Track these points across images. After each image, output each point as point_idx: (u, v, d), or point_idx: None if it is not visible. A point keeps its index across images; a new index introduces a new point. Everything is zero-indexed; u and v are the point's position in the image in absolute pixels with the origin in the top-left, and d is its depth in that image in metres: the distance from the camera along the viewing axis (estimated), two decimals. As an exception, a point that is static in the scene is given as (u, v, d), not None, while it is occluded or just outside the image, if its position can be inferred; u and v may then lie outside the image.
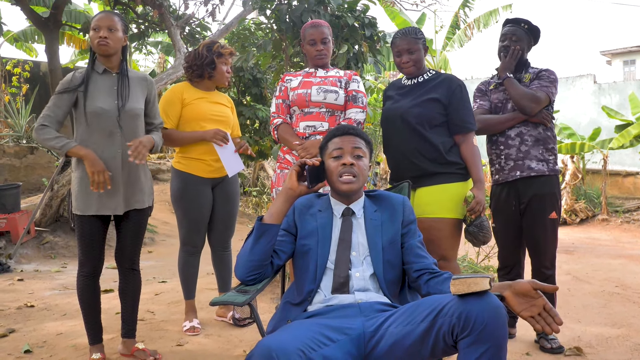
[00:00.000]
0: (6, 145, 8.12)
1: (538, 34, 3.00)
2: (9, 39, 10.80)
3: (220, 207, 3.18)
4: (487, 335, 1.37)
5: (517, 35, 2.95)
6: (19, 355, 2.77)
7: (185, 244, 3.17)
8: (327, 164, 1.88)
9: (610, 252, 6.49)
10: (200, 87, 3.15)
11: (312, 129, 2.79)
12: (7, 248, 5.39)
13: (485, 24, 11.26)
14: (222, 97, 3.24)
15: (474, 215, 2.55)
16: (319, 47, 2.84)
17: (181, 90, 3.08)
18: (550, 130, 2.95)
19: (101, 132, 2.49)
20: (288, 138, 2.78)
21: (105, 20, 2.49)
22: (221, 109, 3.17)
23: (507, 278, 3.05)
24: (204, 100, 3.10)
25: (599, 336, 3.13)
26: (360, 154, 1.89)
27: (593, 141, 9.73)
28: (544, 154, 2.90)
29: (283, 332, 1.53)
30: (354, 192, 1.88)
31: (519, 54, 2.92)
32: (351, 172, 1.85)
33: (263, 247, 1.74)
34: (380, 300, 1.74)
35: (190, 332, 3.08)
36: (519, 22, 2.98)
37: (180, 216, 3.13)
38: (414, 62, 2.66)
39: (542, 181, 2.89)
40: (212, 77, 3.13)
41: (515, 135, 2.92)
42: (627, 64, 22.13)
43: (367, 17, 4.30)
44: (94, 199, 2.48)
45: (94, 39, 2.50)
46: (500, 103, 2.99)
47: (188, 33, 6.96)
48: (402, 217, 1.90)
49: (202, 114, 3.06)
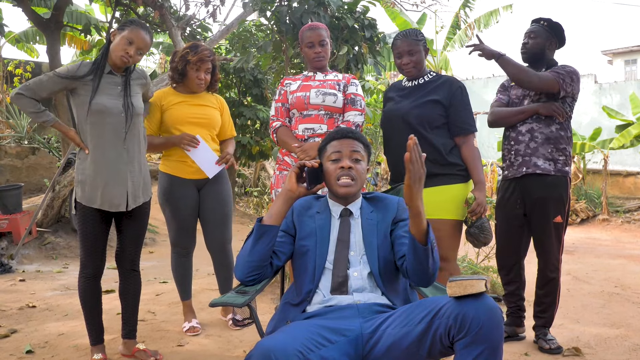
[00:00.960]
0: (8, 146, 8.15)
1: (559, 31, 2.95)
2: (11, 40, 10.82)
3: (208, 208, 3.14)
4: (482, 336, 1.39)
5: (535, 32, 2.94)
6: (21, 356, 2.79)
7: (175, 245, 3.19)
8: (325, 166, 1.90)
9: (610, 252, 6.50)
10: (182, 90, 3.11)
11: (311, 131, 2.81)
12: (8, 249, 5.41)
13: (485, 24, 11.27)
14: (209, 98, 3.17)
15: (475, 217, 2.56)
16: (317, 50, 2.86)
17: (160, 96, 3.06)
18: (565, 130, 2.90)
19: (108, 130, 2.51)
20: (287, 140, 2.80)
21: (142, 41, 2.53)
22: (204, 110, 3.10)
23: (508, 279, 3.06)
24: (184, 104, 3.06)
25: (598, 336, 3.14)
26: (359, 157, 1.91)
27: (594, 141, 9.73)
28: (552, 153, 2.87)
29: (282, 333, 1.55)
30: (352, 195, 1.90)
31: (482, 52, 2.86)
32: (349, 175, 1.86)
33: (263, 248, 1.75)
34: (378, 301, 1.76)
35: (191, 332, 3.10)
36: (539, 20, 2.98)
37: (169, 218, 3.14)
38: (415, 64, 2.68)
39: (548, 183, 2.86)
40: (184, 83, 3.08)
41: (526, 132, 2.91)
42: (629, 63, 22.09)
43: (367, 19, 4.32)
44: (99, 192, 2.50)
45: (120, 50, 2.50)
46: (517, 99, 2.99)
47: (189, 34, 6.97)
48: (395, 214, 1.91)
49: (180, 118, 3.02)
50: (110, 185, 2.51)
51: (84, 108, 2.50)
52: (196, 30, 7.05)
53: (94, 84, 2.50)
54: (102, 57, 2.56)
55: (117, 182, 2.53)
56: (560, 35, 2.97)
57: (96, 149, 2.51)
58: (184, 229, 3.13)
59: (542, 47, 2.93)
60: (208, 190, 3.13)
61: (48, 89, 2.50)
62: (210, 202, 3.14)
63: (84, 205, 2.52)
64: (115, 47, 2.52)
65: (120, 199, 2.55)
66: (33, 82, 2.50)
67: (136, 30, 2.52)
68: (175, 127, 3.03)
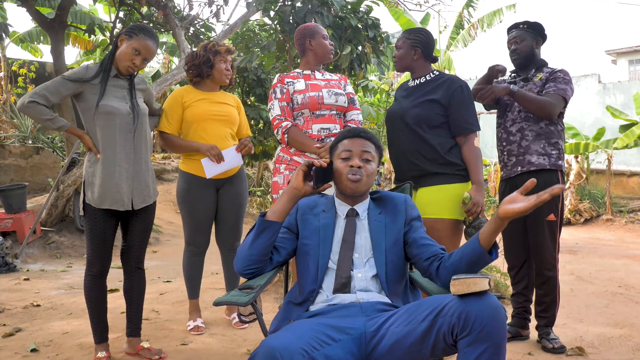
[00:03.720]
0: (12, 146, 8.18)
1: (540, 29, 3.02)
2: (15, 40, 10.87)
3: (225, 208, 3.20)
4: (486, 334, 1.39)
5: (519, 36, 3.02)
6: (26, 354, 2.81)
7: (189, 244, 3.20)
8: (335, 164, 1.90)
9: (614, 252, 6.49)
10: (202, 88, 3.17)
11: (327, 131, 2.80)
12: (13, 248, 5.44)
13: (489, 24, 11.27)
14: (227, 97, 3.25)
15: (472, 217, 2.56)
16: (330, 42, 2.90)
17: (181, 93, 3.11)
18: (555, 124, 2.93)
19: (116, 132, 2.53)
20: (303, 141, 2.77)
21: (149, 52, 2.57)
22: (225, 108, 3.17)
23: (517, 278, 3.08)
24: (205, 101, 3.12)
25: (601, 336, 3.14)
26: (369, 157, 1.91)
27: (597, 141, 9.72)
28: (545, 148, 2.89)
29: (286, 331, 1.55)
30: (360, 193, 1.90)
31: (492, 96, 2.92)
32: (358, 173, 1.87)
33: (263, 243, 1.76)
34: (382, 300, 1.76)
35: (195, 332, 3.11)
36: (518, 25, 3.05)
37: (185, 216, 3.16)
38: (398, 59, 2.73)
39: (539, 181, 2.87)
40: (211, 76, 3.14)
41: (516, 131, 2.95)
42: (633, 63, 22.03)
43: (370, 18, 4.32)
44: (109, 193, 2.52)
45: (127, 60, 2.53)
46: (509, 100, 3.03)
47: (192, 34, 6.99)
48: (405, 215, 1.91)
49: (203, 114, 3.08)
50: (121, 185, 2.54)
51: (91, 111, 2.51)
52: (200, 30, 7.08)
53: (101, 88, 2.52)
54: (108, 61, 2.58)
55: (127, 182, 2.56)
56: (542, 32, 3.04)
57: (106, 150, 2.53)
58: (199, 228, 3.15)
59: (531, 48, 3.01)
60: (226, 190, 3.19)
61: (59, 94, 2.49)
62: (226, 203, 3.19)
63: (93, 206, 2.54)
64: (123, 57, 2.54)
65: (130, 198, 2.58)
66: (44, 89, 2.47)
67: (144, 40, 2.54)
68: (199, 124, 3.08)
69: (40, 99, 2.44)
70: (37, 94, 2.44)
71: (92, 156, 2.55)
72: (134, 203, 2.60)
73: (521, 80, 3.04)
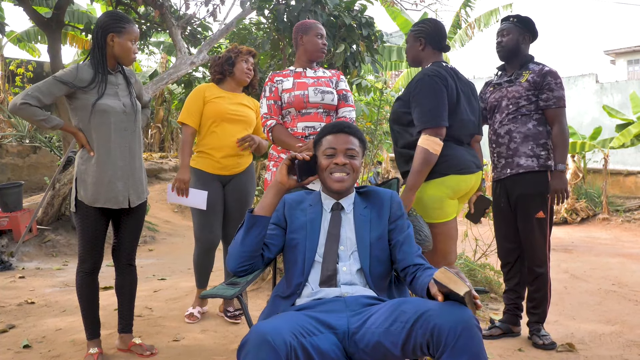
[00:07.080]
0: (9, 145, 8.19)
1: (529, 24, 3.01)
2: (12, 39, 10.88)
3: (231, 204, 3.27)
4: (461, 347, 1.41)
5: (507, 29, 3.02)
6: (18, 350, 2.81)
7: (198, 240, 3.26)
8: (319, 160, 1.91)
9: (609, 251, 6.50)
10: (223, 86, 3.30)
11: (312, 129, 2.80)
12: (9, 246, 5.45)
13: (486, 24, 11.28)
14: (246, 99, 3.35)
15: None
16: (324, 41, 2.90)
17: (204, 88, 3.24)
18: (543, 124, 2.93)
19: (111, 129, 2.53)
20: (286, 140, 2.75)
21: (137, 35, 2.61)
22: (242, 109, 3.26)
23: (510, 275, 3.10)
24: (224, 99, 3.22)
25: (592, 333, 3.15)
26: (353, 153, 1.91)
27: (594, 140, 9.73)
28: (534, 149, 2.89)
29: (275, 319, 1.57)
30: (345, 190, 1.91)
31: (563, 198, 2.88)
32: (343, 171, 1.87)
33: (254, 238, 1.78)
34: (366, 293, 1.77)
35: (188, 319, 3.22)
36: (509, 18, 3.05)
37: (194, 212, 3.22)
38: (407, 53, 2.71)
39: (528, 179, 2.89)
40: (232, 74, 3.26)
41: (504, 134, 2.96)
42: (631, 63, 22.04)
43: (364, 17, 4.33)
44: (103, 191, 2.52)
45: (132, 53, 2.57)
46: (496, 102, 3.04)
47: (189, 33, 6.99)
48: (390, 212, 1.92)
49: (220, 113, 3.16)
50: (115, 183, 2.54)
51: (86, 110, 2.51)
52: (196, 30, 7.08)
53: (99, 90, 2.51)
54: (102, 63, 2.55)
55: (121, 180, 2.56)
56: (532, 28, 3.02)
57: (100, 148, 2.53)
58: (208, 223, 3.19)
59: (517, 42, 3.00)
60: (233, 187, 3.26)
61: (52, 95, 2.48)
62: (233, 198, 3.26)
63: (85, 204, 2.54)
64: (125, 52, 2.56)
65: (124, 195, 2.58)
66: (36, 90, 2.45)
67: (132, 28, 2.57)
68: (217, 123, 3.17)
69: (33, 100, 2.43)
70: (29, 96, 2.43)
71: (85, 153, 2.55)
72: (131, 201, 2.61)
73: (506, 82, 3.02)
